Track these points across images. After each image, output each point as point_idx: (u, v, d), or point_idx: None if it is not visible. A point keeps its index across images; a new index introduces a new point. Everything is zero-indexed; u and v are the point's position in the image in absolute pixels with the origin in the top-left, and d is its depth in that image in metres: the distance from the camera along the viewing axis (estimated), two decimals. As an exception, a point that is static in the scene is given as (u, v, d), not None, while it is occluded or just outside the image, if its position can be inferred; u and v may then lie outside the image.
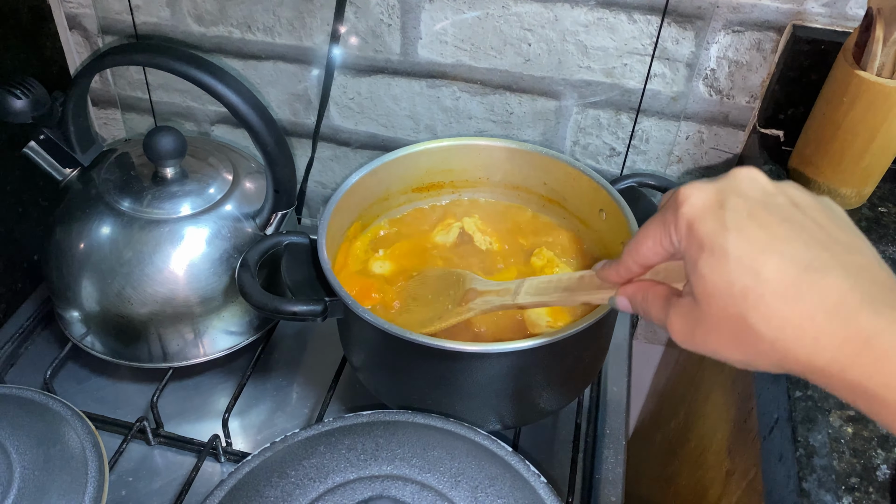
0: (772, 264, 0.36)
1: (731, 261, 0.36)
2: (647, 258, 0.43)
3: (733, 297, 0.36)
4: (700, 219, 0.38)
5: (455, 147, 0.79)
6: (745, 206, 0.38)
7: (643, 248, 0.42)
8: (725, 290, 0.37)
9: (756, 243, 0.36)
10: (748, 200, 0.38)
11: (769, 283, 0.36)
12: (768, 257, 0.36)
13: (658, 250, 0.42)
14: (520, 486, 0.55)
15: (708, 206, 0.38)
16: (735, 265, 0.36)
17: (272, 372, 0.81)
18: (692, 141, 0.83)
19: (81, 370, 0.80)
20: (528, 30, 0.79)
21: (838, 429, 0.54)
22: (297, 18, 0.84)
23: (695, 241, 0.38)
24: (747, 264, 0.36)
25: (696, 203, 0.38)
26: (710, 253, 0.37)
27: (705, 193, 0.39)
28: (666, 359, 1.05)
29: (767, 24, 0.73)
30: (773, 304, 0.36)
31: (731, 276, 0.36)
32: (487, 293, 0.63)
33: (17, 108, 0.69)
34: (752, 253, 0.36)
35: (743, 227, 0.37)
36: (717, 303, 0.37)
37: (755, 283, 0.36)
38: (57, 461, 0.61)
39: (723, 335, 0.38)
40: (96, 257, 0.72)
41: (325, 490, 0.52)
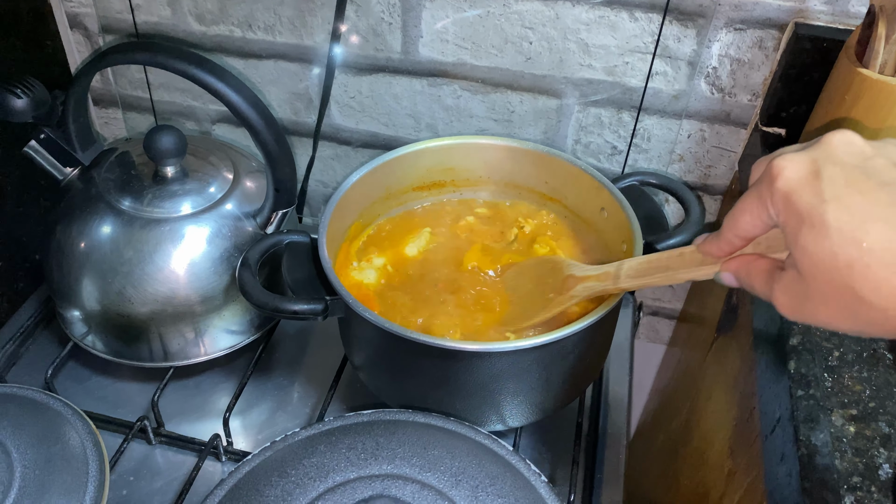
0: (875, 232, 0.35)
1: (833, 232, 0.36)
2: (746, 231, 0.42)
3: (838, 269, 0.36)
4: (796, 192, 0.37)
5: (456, 146, 0.79)
6: (841, 174, 0.37)
7: (741, 222, 0.42)
8: (830, 263, 0.36)
9: (856, 212, 0.36)
10: (844, 167, 0.37)
11: (874, 252, 0.35)
12: (871, 225, 0.35)
13: (756, 223, 0.41)
14: (521, 485, 0.55)
15: (803, 178, 0.37)
16: (837, 237, 0.36)
17: (273, 371, 0.81)
18: (694, 139, 0.83)
19: (82, 369, 0.80)
20: (529, 28, 0.79)
21: (840, 428, 0.54)
22: (298, 17, 0.84)
23: (793, 215, 0.37)
24: (849, 235, 0.35)
25: (790, 176, 0.38)
26: (810, 226, 0.37)
27: (799, 164, 0.38)
28: (667, 358, 1.05)
29: (769, 22, 0.73)
30: (880, 273, 0.35)
31: (834, 248, 0.36)
32: (587, 279, 0.62)
33: (18, 107, 0.69)
34: (853, 222, 0.35)
35: (841, 196, 0.36)
36: (822, 276, 0.37)
37: (860, 254, 0.35)
38: (58, 461, 0.61)
39: (832, 307, 0.38)
40: (97, 256, 0.72)
41: (325, 489, 0.52)
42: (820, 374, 0.57)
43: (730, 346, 0.77)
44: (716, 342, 0.83)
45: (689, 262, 0.51)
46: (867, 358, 0.58)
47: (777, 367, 0.61)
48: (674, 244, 0.68)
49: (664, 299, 0.99)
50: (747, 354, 0.70)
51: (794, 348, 0.59)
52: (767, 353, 0.64)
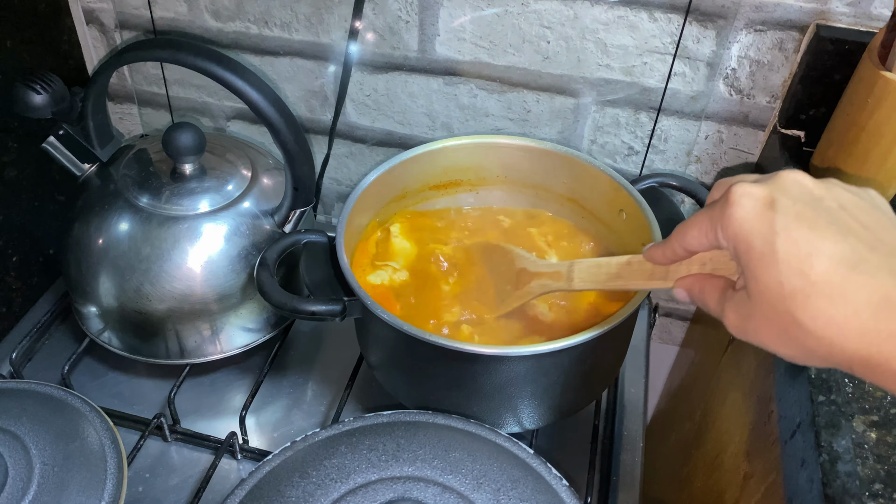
0: (819, 266, 0.37)
1: (781, 263, 0.38)
2: (691, 245, 0.45)
3: (783, 296, 0.38)
4: (750, 221, 0.39)
5: (473, 145, 0.78)
6: (793, 209, 0.39)
7: (688, 236, 0.44)
8: (776, 290, 0.38)
9: (804, 246, 0.38)
10: (796, 202, 0.39)
11: (816, 284, 0.37)
12: (816, 259, 0.37)
13: (702, 241, 0.43)
14: (542, 489, 0.55)
15: (759, 208, 0.39)
16: (784, 267, 0.38)
17: (288, 369, 0.81)
18: (711, 141, 0.83)
19: (98, 366, 0.80)
20: (547, 27, 0.78)
21: (862, 434, 0.53)
22: (315, 14, 0.83)
23: (744, 242, 0.40)
24: (796, 266, 0.38)
25: (746, 205, 0.40)
26: (760, 255, 0.39)
27: (755, 196, 0.40)
28: (680, 359, 1.05)
29: (790, 24, 0.73)
30: (820, 304, 0.37)
31: (780, 277, 0.38)
32: (541, 276, 0.63)
33: (37, 103, 0.69)
34: (800, 255, 0.38)
35: (791, 229, 0.38)
36: (768, 301, 0.39)
37: (803, 284, 0.38)
38: (76, 457, 0.61)
39: (773, 330, 0.40)
40: (115, 253, 0.72)
41: (346, 491, 0.52)
42: (840, 379, 0.57)
43: (746, 350, 0.77)
44: (731, 345, 0.82)
45: (637, 272, 0.52)
46: (888, 364, 0.58)
47: (796, 371, 0.60)
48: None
49: (678, 300, 0.99)
50: (764, 358, 0.70)
51: (815, 353, 0.59)
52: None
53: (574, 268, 0.59)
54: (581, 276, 0.59)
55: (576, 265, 0.59)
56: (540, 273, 0.64)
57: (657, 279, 0.50)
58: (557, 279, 0.61)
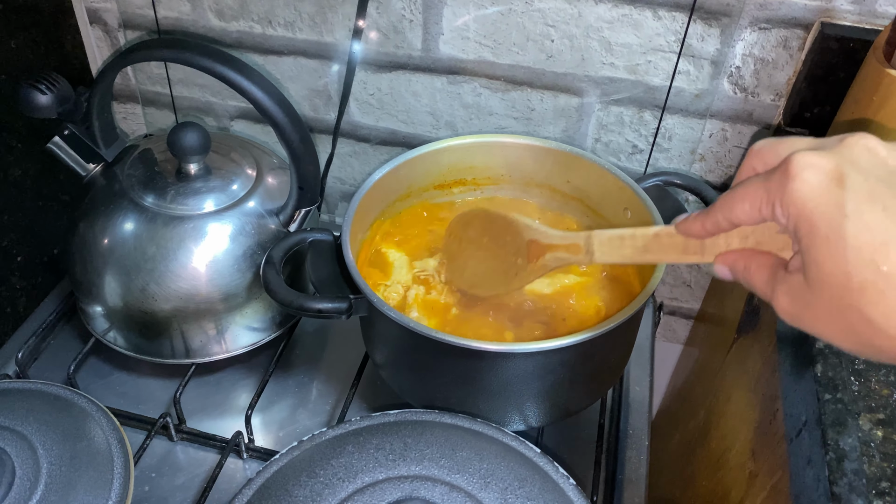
0: (894, 257, 0.33)
1: (850, 251, 0.34)
2: (739, 219, 0.39)
3: (850, 289, 0.34)
4: (815, 200, 0.35)
5: (478, 144, 0.78)
6: (865, 186, 0.34)
7: (737, 209, 0.39)
8: (842, 282, 0.34)
9: (878, 232, 0.33)
10: (868, 178, 0.34)
11: (891, 277, 0.33)
12: (891, 249, 0.33)
13: (754, 215, 0.38)
14: (549, 488, 0.55)
15: (824, 185, 0.35)
16: (854, 255, 0.34)
17: (294, 369, 0.81)
18: (716, 139, 0.83)
19: (104, 365, 0.80)
20: (551, 26, 0.78)
21: (868, 432, 0.54)
22: (319, 13, 0.83)
23: (806, 223, 0.35)
24: (867, 256, 0.33)
25: (810, 180, 0.35)
26: (825, 239, 0.34)
27: (821, 168, 0.35)
28: (684, 358, 1.05)
29: (795, 22, 0.73)
30: (893, 300, 0.33)
31: (848, 267, 0.34)
32: (555, 248, 0.57)
33: (42, 103, 0.69)
34: (873, 243, 0.33)
35: (863, 211, 0.34)
36: (832, 292, 0.35)
37: (875, 277, 0.33)
38: (83, 457, 0.61)
39: (836, 324, 0.36)
40: (120, 253, 0.72)
41: (354, 490, 0.52)
42: (847, 377, 0.57)
43: (751, 348, 0.77)
44: (736, 343, 0.82)
45: (668, 245, 0.47)
46: (894, 362, 0.58)
47: (802, 370, 0.60)
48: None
49: (682, 298, 0.99)
50: (770, 356, 0.70)
51: (821, 351, 0.59)
52: (791, 355, 0.63)
53: (593, 240, 0.53)
54: (602, 248, 0.53)
55: (595, 237, 0.53)
56: (554, 245, 0.58)
57: (692, 253, 0.45)
58: (576, 252, 0.55)
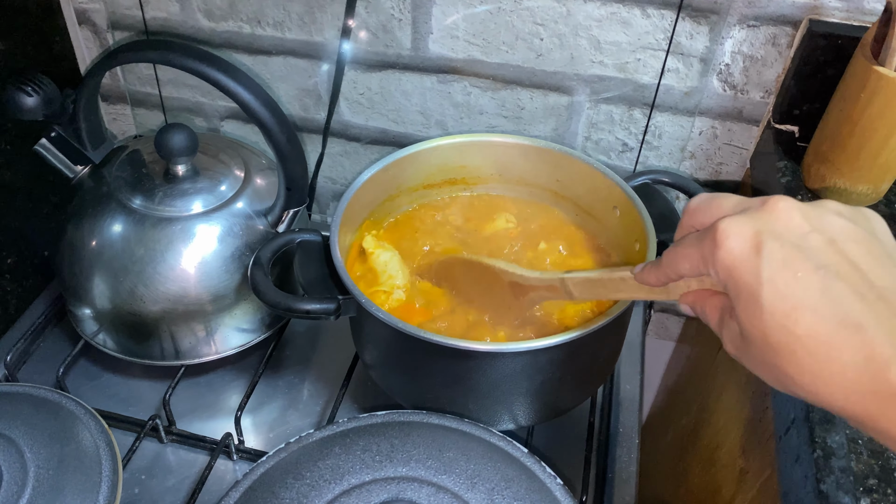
0: (804, 321, 0.36)
1: (766, 315, 0.37)
2: (684, 274, 0.44)
3: (769, 346, 0.38)
4: (737, 267, 0.38)
5: (467, 143, 0.78)
6: (780, 252, 0.37)
7: (681, 266, 0.43)
8: (762, 341, 0.38)
9: (789, 298, 0.37)
10: (784, 244, 0.38)
11: (801, 339, 0.36)
12: (801, 314, 0.36)
13: (694, 273, 0.43)
14: (536, 488, 0.55)
15: (745, 252, 0.38)
16: (769, 319, 0.37)
17: (284, 369, 0.81)
18: (705, 136, 0.83)
19: (93, 367, 0.80)
20: (540, 24, 0.78)
21: (855, 430, 0.53)
22: (308, 13, 0.83)
23: (733, 287, 0.39)
24: (780, 321, 0.37)
25: (733, 247, 0.38)
26: (745, 304, 0.38)
27: (742, 237, 0.38)
28: (677, 355, 1.05)
29: (783, 19, 0.73)
30: (805, 360, 0.37)
31: (766, 330, 0.37)
32: (537, 289, 0.62)
33: (29, 105, 0.69)
34: (784, 309, 0.37)
35: (776, 279, 0.37)
36: (756, 348, 0.39)
37: (788, 340, 0.37)
38: (71, 460, 0.61)
39: (764, 373, 0.40)
40: (108, 255, 0.72)
41: (340, 492, 0.52)
42: (835, 374, 0.57)
43: (742, 345, 0.77)
44: (727, 340, 0.82)
45: (634, 287, 0.51)
46: (882, 359, 0.58)
47: (791, 367, 0.60)
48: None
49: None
50: (760, 353, 0.70)
51: (809, 349, 0.59)
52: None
53: (567, 282, 0.58)
54: (578, 289, 0.57)
55: (568, 280, 0.58)
56: (535, 287, 0.62)
57: (657, 294, 0.49)
58: (556, 292, 0.60)
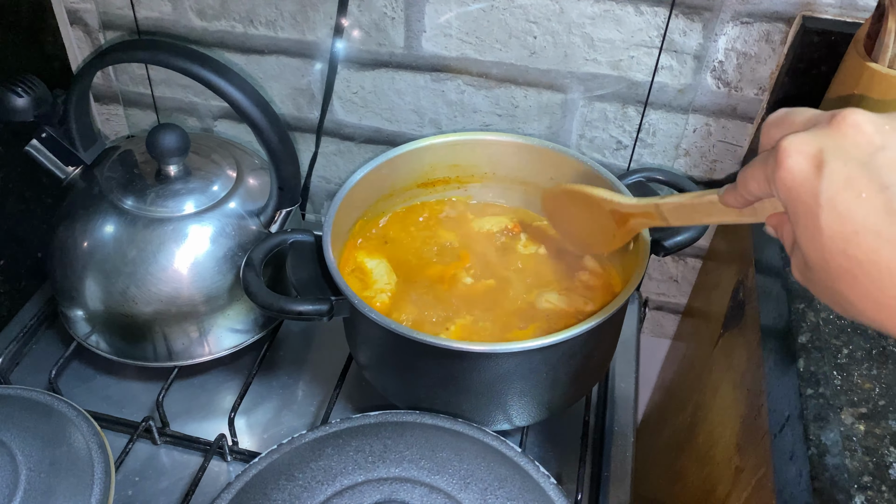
0: (865, 245, 0.35)
1: (825, 239, 0.36)
2: (754, 195, 0.43)
3: (829, 273, 0.37)
4: (796, 187, 0.37)
5: (461, 142, 0.78)
6: (843, 172, 0.36)
7: (750, 186, 0.43)
8: (822, 266, 0.37)
9: (849, 221, 0.35)
10: (848, 162, 0.36)
11: (862, 265, 0.35)
12: (862, 237, 0.35)
13: (763, 191, 0.42)
14: (529, 487, 0.54)
15: (805, 172, 0.37)
16: (828, 243, 0.36)
17: (278, 370, 0.80)
18: (700, 134, 0.82)
19: (86, 369, 0.80)
20: (533, 22, 0.78)
21: (850, 427, 0.53)
22: (300, 12, 0.83)
23: (792, 209, 0.38)
24: (840, 245, 0.36)
25: (793, 168, 0.37)
26: (804, 227, 0.37)
27: (804, 154, 0.37)
28: (672, 353, 1.05)
29: (776, 15, 0.73)
30: (866, 287, 0.36)
31: (825, 255, 0.36)
32: (636, 216, 0.63)
33: (19, 106, 0.69)
34: (844, 232, 0.36)
35: (836, 201, 0.36)
36: (817, 272, 0.38)
37: (849, 265, 0.36)
38: (63, 462, 0.61)
39: (827, 298, 0.39)
40: (100, 256, 0.71)
41: (333, 493, 0.51)
42: (829, 372, 0.57)
43: (736, 343, 0.77)
44: (722, 338, 0.82)
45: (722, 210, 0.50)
46: (877, 356, 0.58)
47: (785, 364, 0.60)
48: (681, 241, 0.68)
49: (669, 294, 0.99)
50: (755, 351, 0.70)
51: (804, 346, 0.59)
52: (775, 350, 0.63)
53: (661, 207, 0.58)
54: (672, 214, 0.58)
55: (662, 205, 0.58)
56: (634, 214, 0.63)
57: (747, 215, 0.49)
58: (651, 217, 0.61)
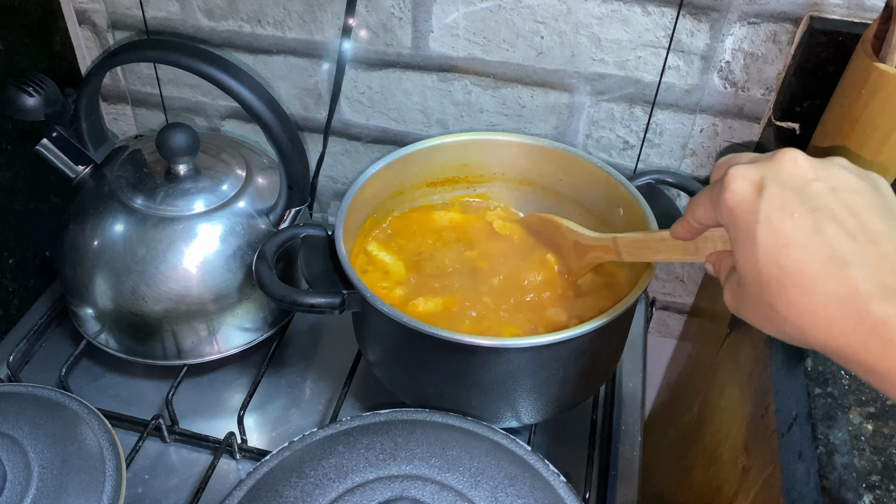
0: (794, 256, 0.38)
1: (760, 252, 0.39)
2: (701, 220, 0.47)
3: (761, 284, 0.40)
4: (738, 207, 0.41)
5: (471, 142, 0.78)
6: (780, 196, 0.40)
7: (697, 212, 0.47)
8: (755, 278, 0.40)
9: (782, 236, 0.39)
10: (785, 188, 0.40)
11: (791, 274, 0.39)
12: (792, 250, 0.39)
13: (708, 217, 0.46)
14: (539, 485, 0.55)
15: (747, 194, 0.40)
16: (763, 256, 0.39)
17: (286, 368, 0.81)
18: (706, 134, 0.83)
19: (96, 367, 0.80)
20: (540, 22, 0.78)
21: (858, 426, 0.54)
22: (308, 12, 0.83)
23: (733, 227, 0.41)
24: (772, 256, 0.39)
25: (736, 190, 0.41)
26: (742, 242, 0.40)
27: (747, 181, 0.41)
28: (678, 352, 1.05)
29: (784, 16, 0.73)
30: (793, 294, 0.39)
31: (759, 266, 0.40)
32: (595, 249, 0.67)
33: (30, 105, 0.69)
34: (777, 245, 0.39)
35: (773, 218, 0.39)
36: (751, 286, 0.41)
37: (780, 274, 0.39)
38: (75, 460, 0.61)
39: (757, 314, 0.42)
40: (110, 255, 0.72)
41: (344, 490, 0.52)
42: (837, 371, 0.57)
43: (743, 342, 0.77)
44: (728, 338, 0.83)
45: (672, 247, 0.55)
46: (884, 355, 0.58)
47: (792, 364, 0.60)
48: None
49: (675, 294, 0.99)
50: (761, 351, 0.70)
51: (811, 346, 0.59)
52: (782, 350, 0.63)
53: (618, 242, 0.63)
54: (626, 249, 0.62)
55: (619, 240, 0.63)
56: (593, 247, 0.67)
57: (690, 254, 0.53)
58: (608, 252, 0.65)
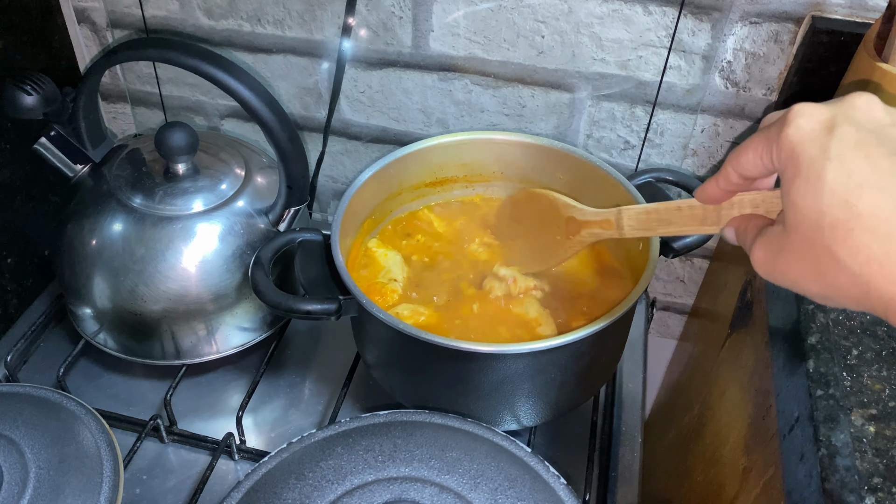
0: (868, 198, 0.35)
1: (826, 191, 0.35)
2: (746, 169, 0.42)
3: (822, 228, 0.36)
4: (804, 142, 0.37)
5: (469, 141, 0.78)
6: (854, 135, 0.36)
7: (743, 158, 0.41)
8: (815, 220, 0.36)
9: (856, 175, 0.35)
10: (860, 129, 0.36)
11: (862, 217, 0.35)
12: (865, 191, 0.35)
13: (758, 163, 0.41)
14: (539, 487, 0.54)
15: (815, 131, 0.37)
16: (829, 195, 0.35)
17: (285, 369, 0.80)
18: (707, 134, 0.82)
19: (94, 367, 0.80)
20: (541, 22, 0.78)
21: (860, 428, 0.53)
22: (308, 11, 0.83)
23: (792, 165, 0.37)
24: (842, 196, 0.35)
25: (803, 125, 0.37)
26: (805, 179, 0.36)
27: (815, 117, 0.37)
28: (678, 353, 1.04)
29: (785, 16, 0.72)
30: (862, 239, 0.35)
31: (823, 207, 0.36)
32: (590, 224, 0.62)
33: (28, 104, 0.69)
34: (849, 185, 0.35)
35: (846, 156, 0.35)
36: (804, 232, 0.37)
37: (847, 217, 0.35)
38: (72, 461, 0.61)
39: (805, 265, 0.38)
40: (108, 254, 0.71)
41: (343, 492, 0.51)
42: (839, 373, 0.57)
43: (744, 343, 0.77)
44: (729, 338, 0.82)
45: (689, 217, 0.50)
46: (886, 356, 0.58)
47: (794, 365, 0.60)
48: (690, 243, 0.68)
49: (675, 294, 0.99)
50: (763, 352, 0.70)
51: (813, 347, 0.58)
52: (784, 351, 0.63)
53: (623, 214, 0.58)
54: (631, 223, 0.57)
55: (624, 212, 0.58)
56: (589, 222, 0.62)
57: (709, 224, 0.48)
58: (608, 227, 0.60)
